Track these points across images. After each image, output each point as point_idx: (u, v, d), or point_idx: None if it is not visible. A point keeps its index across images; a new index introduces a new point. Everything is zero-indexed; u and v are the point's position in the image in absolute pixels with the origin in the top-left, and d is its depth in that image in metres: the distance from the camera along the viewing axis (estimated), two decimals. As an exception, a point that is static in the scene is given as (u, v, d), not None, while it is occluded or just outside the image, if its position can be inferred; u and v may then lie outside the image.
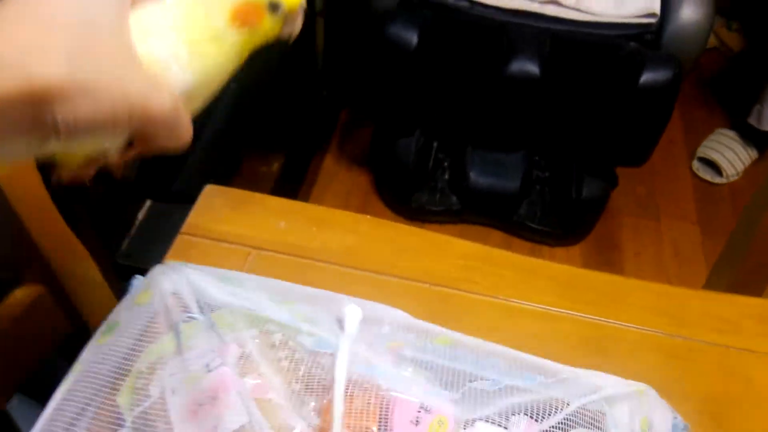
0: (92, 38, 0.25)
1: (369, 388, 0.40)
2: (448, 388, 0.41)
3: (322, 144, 1.66)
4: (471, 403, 0.40)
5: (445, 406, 0.40)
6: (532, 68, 1.25)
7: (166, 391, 0.38)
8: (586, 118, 1.38)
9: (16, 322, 0.54)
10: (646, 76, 1.21)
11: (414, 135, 1.46)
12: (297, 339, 0.41)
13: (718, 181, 1.71)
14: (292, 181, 1.46)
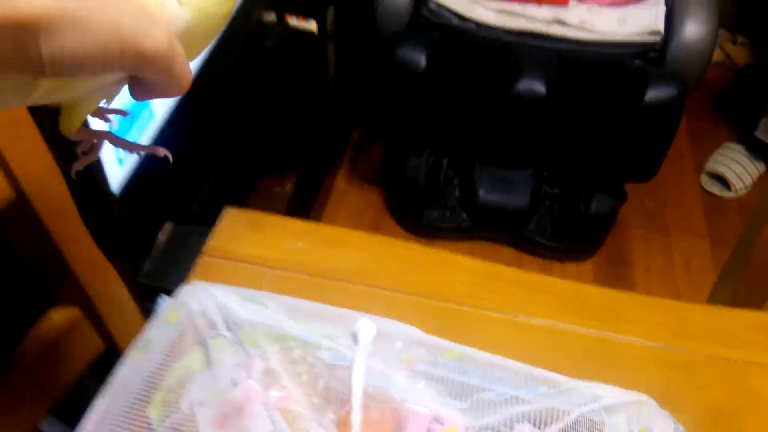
0: None
1: (384, 400, 0.42)
2: (457, 399, 0.43)
3: (334, 163, 1.67)
4: (478, 413, 0.41)
5: (456, 417, 0.42)
6: (539, 87, 1.26)
7: (195, 404, 0.40)
8: (593, 136, 1.39)
9: (53, 344, 0.55)
10: (651, 94, 1.22)
11: (424, 154, 1.47)
12: (316, 354, 0.43)
13: (726, 195, 1.71)
14: (306, 200, 1.47)
